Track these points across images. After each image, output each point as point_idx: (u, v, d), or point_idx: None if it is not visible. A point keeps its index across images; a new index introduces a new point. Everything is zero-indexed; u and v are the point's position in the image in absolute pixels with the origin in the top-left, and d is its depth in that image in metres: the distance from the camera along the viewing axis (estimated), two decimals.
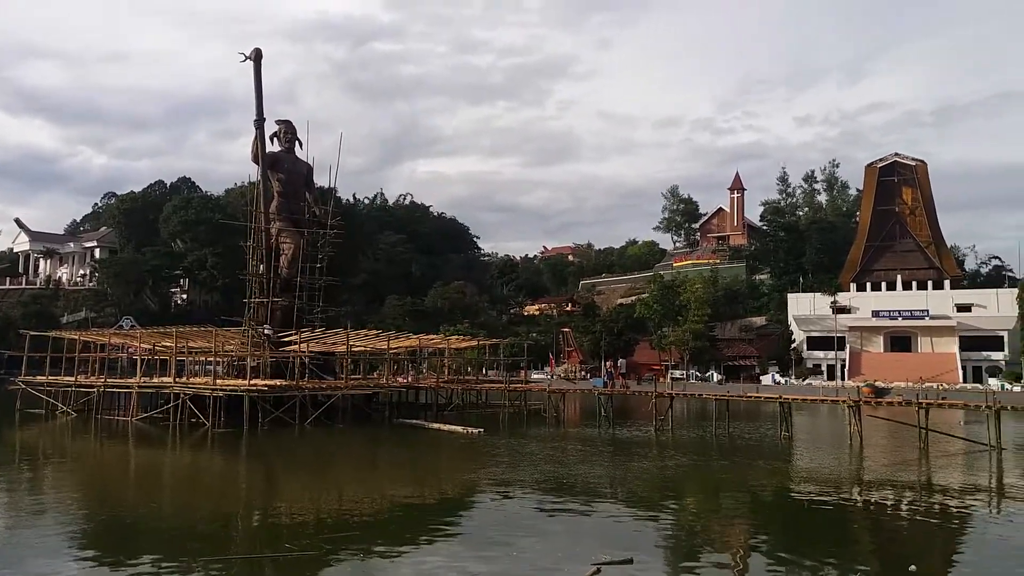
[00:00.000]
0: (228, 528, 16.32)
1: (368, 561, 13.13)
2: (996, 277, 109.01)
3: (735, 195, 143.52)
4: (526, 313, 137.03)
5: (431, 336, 58.06)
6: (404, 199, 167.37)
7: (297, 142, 48.75)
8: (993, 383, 77.66)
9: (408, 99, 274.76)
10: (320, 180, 53.16)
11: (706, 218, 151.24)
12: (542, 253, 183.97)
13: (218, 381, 37.64)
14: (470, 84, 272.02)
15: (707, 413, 38.99)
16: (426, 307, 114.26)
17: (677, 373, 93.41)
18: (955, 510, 18.89)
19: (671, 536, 15.49)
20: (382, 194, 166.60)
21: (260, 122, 46.47)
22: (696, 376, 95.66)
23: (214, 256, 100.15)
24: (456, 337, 61.50)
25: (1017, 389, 75.76)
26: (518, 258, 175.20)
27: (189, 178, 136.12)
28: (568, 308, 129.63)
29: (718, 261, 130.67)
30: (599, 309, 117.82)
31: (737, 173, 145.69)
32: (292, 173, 48.01)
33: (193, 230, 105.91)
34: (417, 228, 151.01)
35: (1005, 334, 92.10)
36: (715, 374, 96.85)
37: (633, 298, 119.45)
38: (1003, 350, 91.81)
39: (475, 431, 34.02)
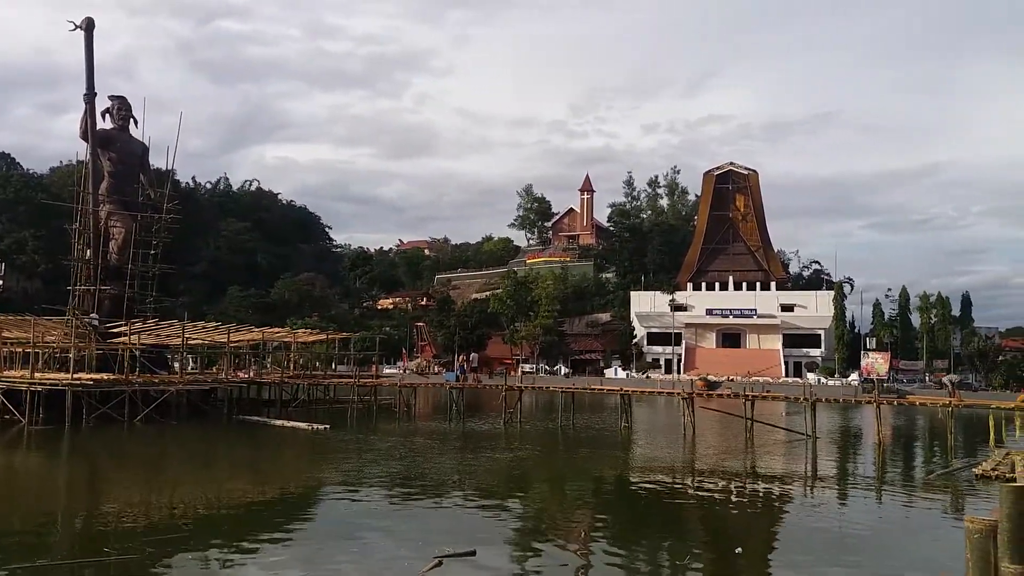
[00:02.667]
0: (43, 533, 14.84)
1: (201, 563, 12.35)
2: (816, 280, 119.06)
3: (585, 196, 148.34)
4: (380, 307, 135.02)
5: (276, 329, 55.85)
6: (250, 185, 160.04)
7: (132, 120, 45.33)
8: (811, 377, 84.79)
9: (258, 82, 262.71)
10: (157, 162, 49.71)
11: (558, 217, 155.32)
12: (398, 246, 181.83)
13: (36, 375, 34.30)
14: (325, 70, 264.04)
15: (555, 405, 40.00)
16: (272, 299, 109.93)
17: (527, 367, 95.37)
18: (776, 494, 20.41)
19: (516, 527, 15.68)
20: (226, 179, 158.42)
21: (91, 97, 42.87)
22: (545, 370, 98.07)
23: (35, 239, 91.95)
24: (304, 331, 59.53)
25: (832, 383, 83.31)
26: (372, 250, 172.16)
27: (8, 154, 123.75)
28: (423, 302, 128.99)
29: (568, 259, 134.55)
30: (454, 304, 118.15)
31: (587, 175, 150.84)
32: (125, 153, 44.59)
33: (12, 210, 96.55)
34: (264, 216, 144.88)
35: (822, 333, 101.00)
36: (563, 368, 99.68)
37: (487, 293, 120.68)
38: (820, 347, 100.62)
39: (321, 427, 33.03)
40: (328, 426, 33.40)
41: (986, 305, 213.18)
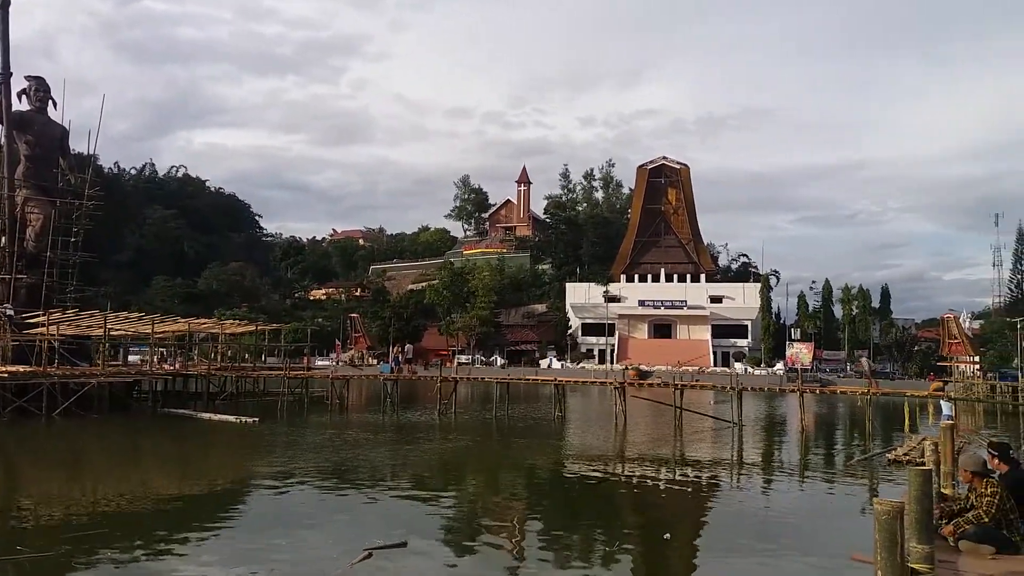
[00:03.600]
0: None
1: (122, 560, 11.95)
2: (743, 273, 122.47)
3: (522, 188, 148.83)
4: (312, 297, 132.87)
5: (203, 320, 54.34)
6: (177, 171, 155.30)
7: (51, 102, 43.25)
8: (738, 367, 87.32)
9: (186, 64, 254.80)
10: (78, 146, 47.67)
11: (495, 208, 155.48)
12: (331, 236, 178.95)
13: None
14: (257, 54, 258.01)
15: (490, 396, 40.11)
16: (200, 289, 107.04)
17: (463, 358, 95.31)
18: (704, 481, 20.95)
19: (450, 517, 15.68)
20: (152, 164, 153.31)
21: (6, 77, 40.70)
22: (481, 360, 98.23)
23: None
24: (232, 321, 58.07)
25: (758, 372, 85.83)
26: (305, 240, 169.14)
27: None
28: (357, 293, 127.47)
29: (505, 250, 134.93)
30: (389, 294, 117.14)
31: (524, 167, 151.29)
32: (43, 136, 42.53)
33: None
34: (191, 203, 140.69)
35: (749, 323, 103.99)
36: (499, 358, 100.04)
37: (424, 284, 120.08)
38: (747, 337, 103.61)
39: (250, 420, 32.33)
40: (257, 419, 32.71)
41: (904, 297, 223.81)
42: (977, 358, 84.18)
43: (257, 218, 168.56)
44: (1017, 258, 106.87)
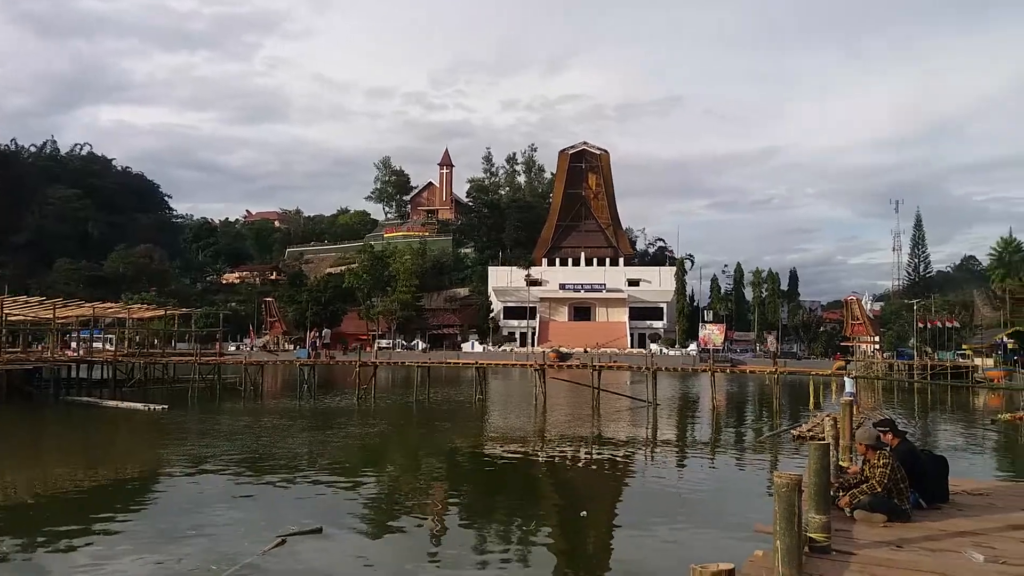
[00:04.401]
0: None
1: (22, 554, 11.35)
2: (660, 257, 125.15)
3: (444, 170, 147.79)
4: (225, 281, 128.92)
5: (109, 304, 52.01)
6: (81, 149, 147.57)
7: None
8: (654, 348, 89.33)
9: (91, 38, 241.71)
10: None
11: (417, 191, 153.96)
12: (245, 218, 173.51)
13: None
14: (167, 29, 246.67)
15: (411, 381, 39.87)
16: (105, 272, 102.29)
17: (384, 342, 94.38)
18: (621, 459, 21.41)
19: (369, 502, 15.53)
20: (53, 142, 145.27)
21: None
22: (403, 345, 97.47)
23: None
24: (140, 306, 55.79)
25: (673, 353, 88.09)
26: (217, 222, 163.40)
27: None
28: (273, 277, 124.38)
29: (427, 234, 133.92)
30: (307, 278, 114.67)
31: (447, 149, 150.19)
32: None
33: None
34: (96, 183, 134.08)
35: (664, 305, 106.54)
36: (420, 343, 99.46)
37: (343, 268, 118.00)
38: (663, 319, 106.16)
39: (159, 408, 31.20)
40: (166, 407, 31.62)
41: (812, 280, 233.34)
42: (877, 338, 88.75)
43: (167, 199, 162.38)
44: (915, 243, 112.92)
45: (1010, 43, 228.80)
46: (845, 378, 30.94)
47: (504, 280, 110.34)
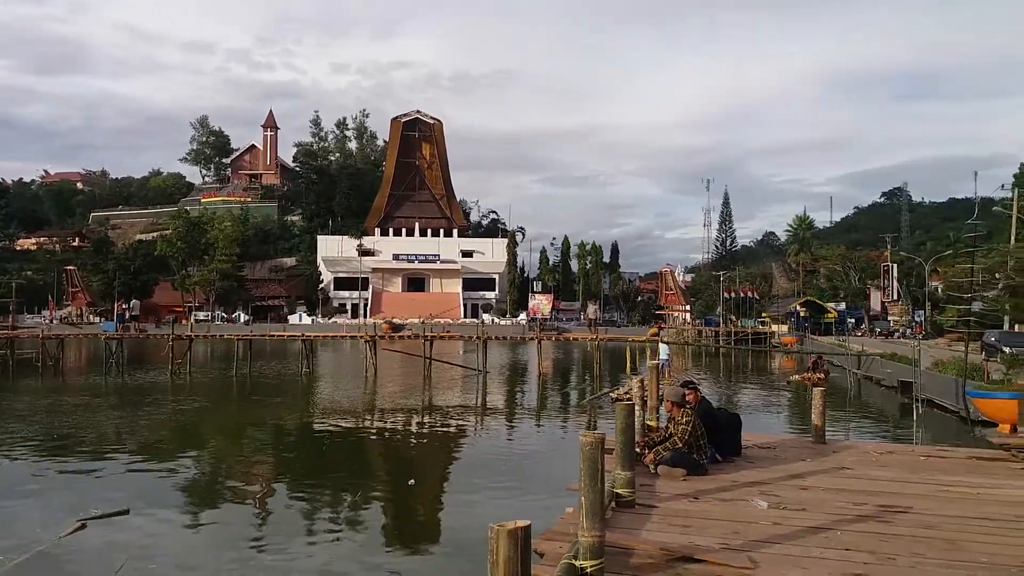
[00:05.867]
0: None
1: None
2: (493, 229, 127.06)
3: (269, 133, 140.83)
4: (19, 248, 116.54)
5: None
6: None
7: None
8: (486, 318, 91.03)
9: None
10: None
11: (238, 154, 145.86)
12: (43, 178, 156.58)
13: None
14: None
15: (232, 355, 38.07)
16: None
17: (202, 315, 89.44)
18: (452, 427, 21.74)
19: (187, 481, 14.75)
20: None
21: None
22: (222, 317, 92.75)
23: None
24: None
25: (503, 322, 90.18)
26: (10, 182, 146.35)
27: None
28: (75, 243, 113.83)
29: (249, 199, 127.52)
30: (114, 245, 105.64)
31: (271, 111, 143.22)
32: None
33: None
34: None
35: (497, 276, 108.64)
36: (243, 315, 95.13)
37: (155, 234, 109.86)
38: (495, 290, 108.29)
39: None
40: None
41: (632, 253, 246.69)
42: (688, 307, 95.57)
43: None
44: (723, 219, 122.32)
45: (805, 34, 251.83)
46: (660, 344, 33.09)
47: (334, 250, 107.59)
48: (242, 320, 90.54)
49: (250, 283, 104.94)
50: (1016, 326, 45.77)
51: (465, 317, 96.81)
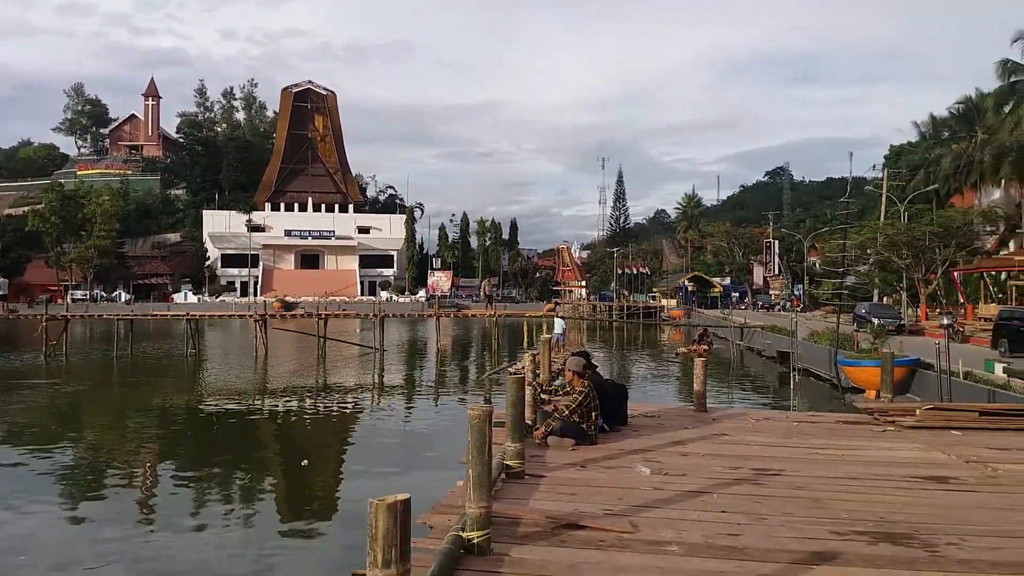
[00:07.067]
0: None
1: None
2: (390, 204, 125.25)
3: (151, 102, 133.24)
4: None
5: None
6: None
7: None
8: (384, 296, 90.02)
9: None
10: None
11: (117, 124, 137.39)
12: None
13: None
14: None
15: (113, 335, 36.11)
16: None
17: (79, 294, 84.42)
18: (348, 406, 21.48)
19: (64, 469, 13.94)
20: None
21: None
22: (102, 296, 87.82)
23: None
24: None
25: (402, 300, 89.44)
26: None
27: None
28: None
29: (130, 172, 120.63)
30: None
31: (153, 79, 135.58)
32: None
33: None
34: None
35: (395, 253, 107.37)
36: (123, 293, 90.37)
37: (26, 208, 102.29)
38: (393, 267, 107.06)
39: None
40: None
41: (530, 230, 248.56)
42: (584, 283, 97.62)
43: None
44: (617, 197, 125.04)
45: (698, 19, 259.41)
46: (555, 319, 33.66)
47: (222, 225, 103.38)
48: (123, 299, 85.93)
49: (131, 260, 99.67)
50: (885, 298, 49.18)
51: (362, 295, 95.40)
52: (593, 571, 4.28)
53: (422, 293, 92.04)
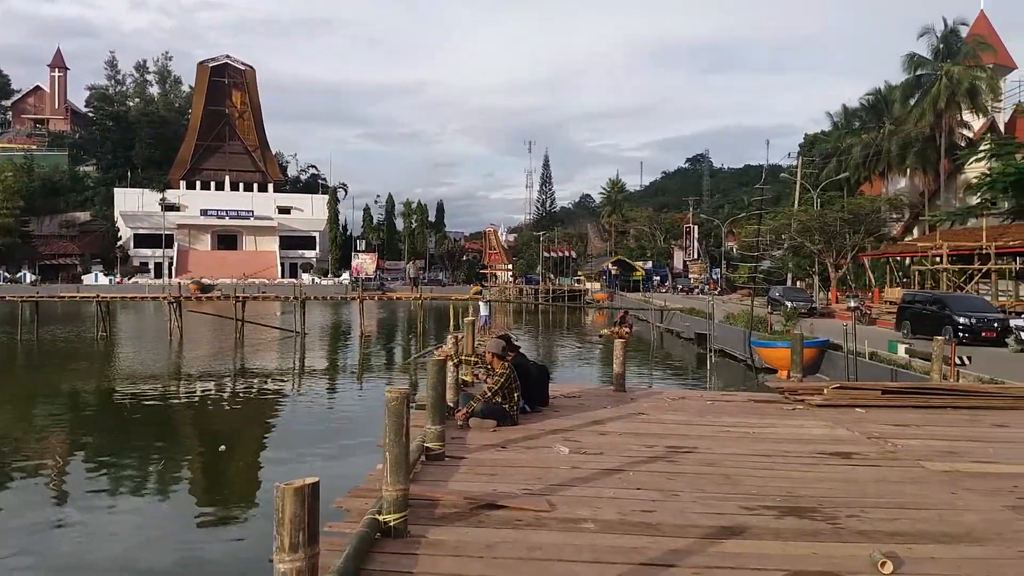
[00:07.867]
0: None
1: None
2: (312, 184, 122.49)
3: (57, 74, 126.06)
4: None
5: None
6: None
7: None
8: (306, 278, 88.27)
9: None
10: None
11: (20, 96, 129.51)
12: None
13: None
14: None
15: (16, 318, 34.29)
16: None
17: None
18: (267, 391, 21.03)
19: None
20: None
21: None
22: (5, 278, 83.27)
23: None
24: None
25: (325, 282, 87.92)
26: None
27: None
28: None
29: (35, 147, 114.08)
30: None
31: (59, 49, 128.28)
32: None
33: None
34: None
35: (317, 235, 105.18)
36: (28, 274, 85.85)
37: None
38: (315, 249, 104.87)
39: None
40: None
41: (457, 213, 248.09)
42: (511, 266, 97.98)
43: None
44: (543, 181, 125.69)
45: (620, 6, 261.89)
46: (480, 303, 33.72)
47: (135, 204, 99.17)
48: (28, 280, 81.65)
49: (37, 240, 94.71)
50: (798, 282, 51.15)
51: (283, 277, 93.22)
52: (509, 550, 4.33)
53: (346, 275, 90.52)
